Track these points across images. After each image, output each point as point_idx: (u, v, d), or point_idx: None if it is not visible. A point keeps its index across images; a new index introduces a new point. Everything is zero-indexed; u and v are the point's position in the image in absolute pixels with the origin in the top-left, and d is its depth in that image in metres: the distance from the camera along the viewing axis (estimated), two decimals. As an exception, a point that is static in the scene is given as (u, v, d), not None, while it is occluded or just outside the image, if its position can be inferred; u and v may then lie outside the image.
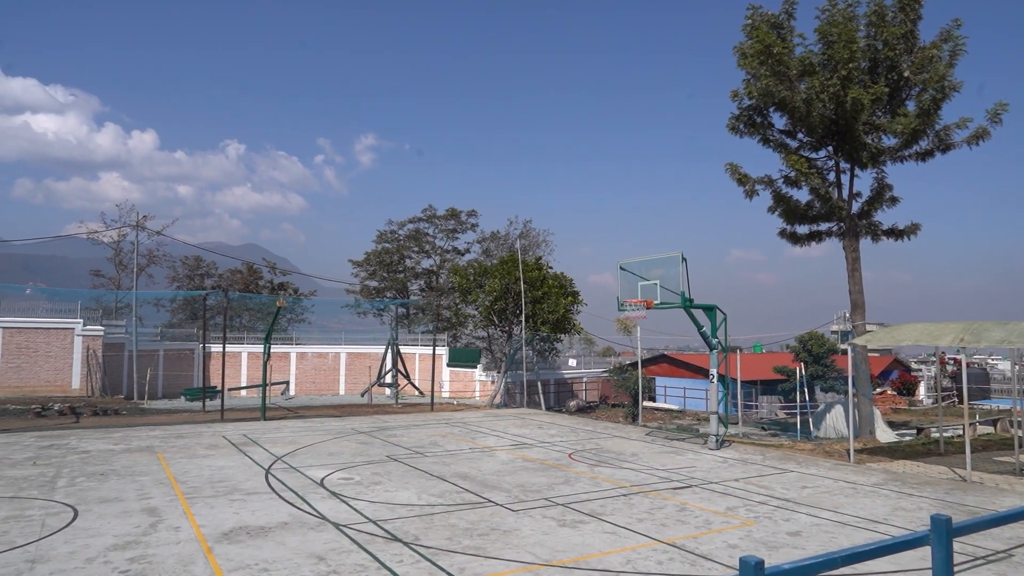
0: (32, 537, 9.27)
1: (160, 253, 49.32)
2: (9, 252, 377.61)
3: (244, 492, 12.18)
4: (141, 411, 26.59)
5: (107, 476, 13.46)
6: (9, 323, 29.35)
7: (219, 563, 8.28)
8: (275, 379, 35.92)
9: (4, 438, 18.75)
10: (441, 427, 22.68)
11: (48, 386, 29.80)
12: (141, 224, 41.34)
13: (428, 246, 58.16)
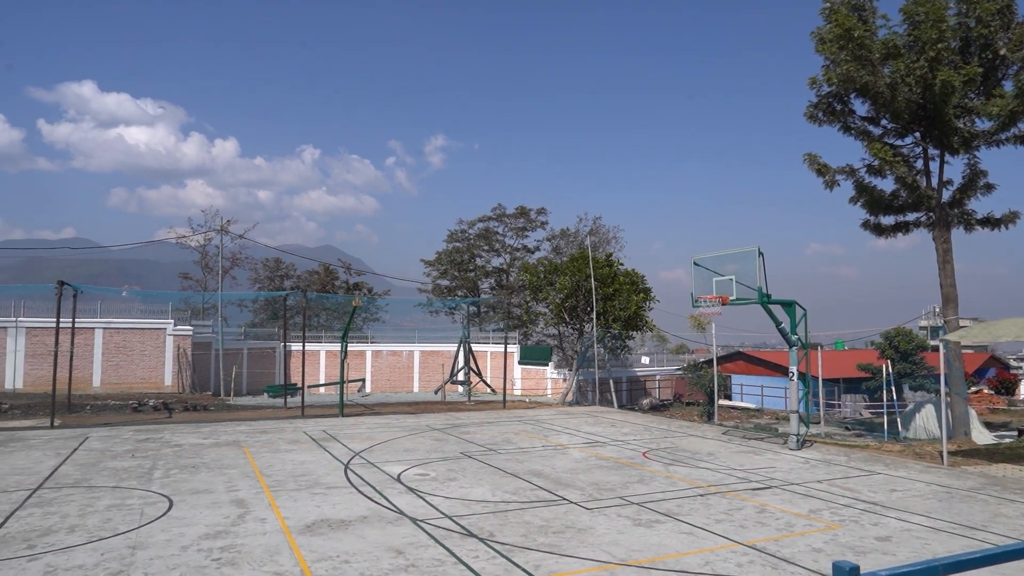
0: (133, 524, 9.83)
1: (242, 256, 51.59)
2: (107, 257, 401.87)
3: (325, 486, 12.56)
4: (228, 407, 27.82)
5: (198, 469, 14.14)
6: (108, 324, 31.24)
7: (303, 554, 8.57)
8: (352, 377, 36.92)
9: (106, 431, 19.97)
10: (513, 424, 22.79)
11: (143, 383, 31.55)
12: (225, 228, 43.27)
13: (498, 244, 58.56)
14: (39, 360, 29.74)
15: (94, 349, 30.73)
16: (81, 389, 28.76)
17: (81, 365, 29.32)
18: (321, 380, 37.88)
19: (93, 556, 8.41)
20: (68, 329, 23.33)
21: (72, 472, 13.71)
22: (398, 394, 37.86)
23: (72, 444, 17.37)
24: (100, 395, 29.22)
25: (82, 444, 17.37)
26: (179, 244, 49.33)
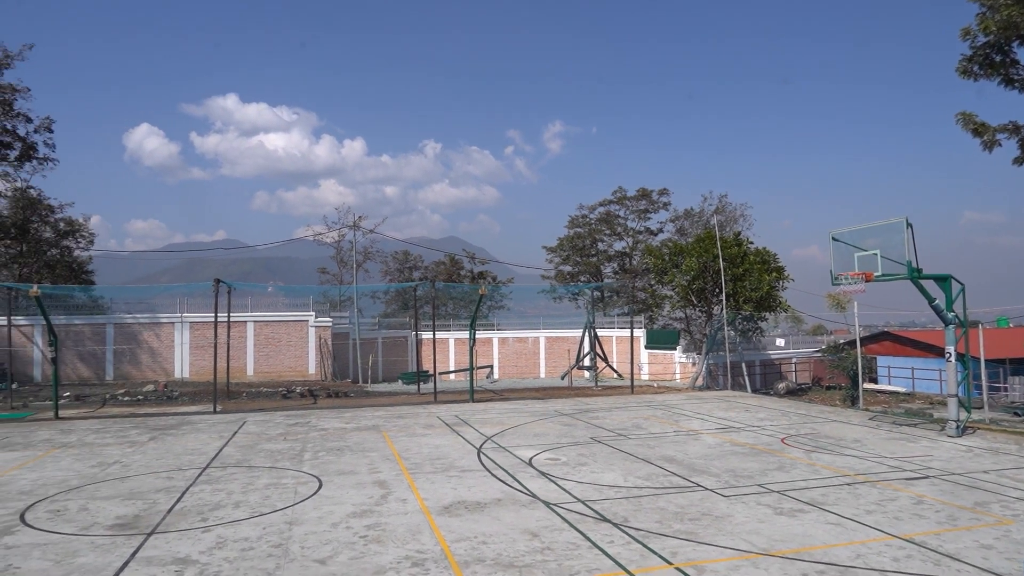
0: (288, 502, 10.60)
1: (374, 250, 54.01)
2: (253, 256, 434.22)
3: (459, 469, 12.96)
4: (366, 394, 29.35)
5: (342, 451, 15.02)
6: (259, 317, 33.82)
7: (443, 534, 8.90)
8: (480, 363, 37.84)
9: (260, 416, 21.66)
10: (643, 409, 22.49)
11: (290, 371, 33.91)
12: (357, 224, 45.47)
13: (620, 228, 57.77)
14: (201, 352, 32.70)
15: (247, 341, 33.38)
16: (237, 377, 31.34)
17: (237, 355, 31.94)
18: (451, 367, 39.09)
19: (256, 530, 9.16)
20: (225, 323, 25.48)
21: (234, 453, 14.98)
22: (525, 380, 38.38)
23: (232, 428, 18.97)
24: (254, 383, 31.72)
25: (241, 428, 18.93)
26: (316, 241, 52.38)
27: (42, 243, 43.45)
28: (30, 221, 41.85)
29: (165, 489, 11.57)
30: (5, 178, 39.37)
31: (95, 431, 18.69)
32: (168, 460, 14.24)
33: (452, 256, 61.82)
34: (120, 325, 33.03)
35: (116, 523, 9.57)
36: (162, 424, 20.01)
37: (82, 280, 45.90)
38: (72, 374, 31.62)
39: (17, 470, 13.39)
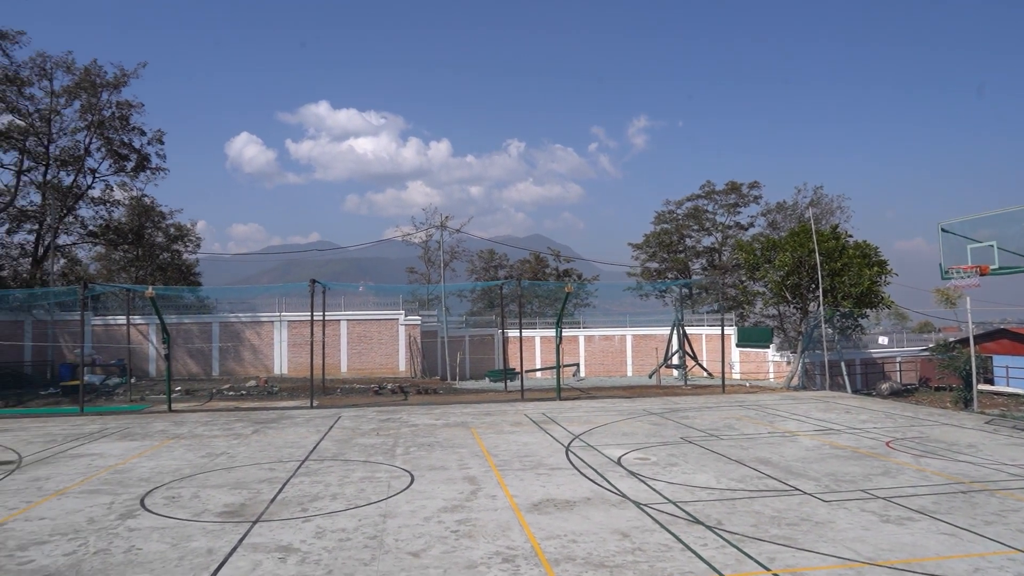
0: (382, 495, 10.92)
1: (460, 249, 54.95)
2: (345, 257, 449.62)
3: (548, 467, 12.97)
4: (454, 391, 29.85)
5: (433, 447, 15.33)
6: (351, 316, 35.01)
7: (532, 531, 8.93)
8: (566, 361, 37.74)
9: (354, 412, 22.41)
10: (735, 409, 21.84)
11: (381, 368, 34.92)
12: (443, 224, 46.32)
13: (708, 223, 56.35)
14: (298, 349, 34.16)
15: (341, 339, 34.62)
16: (332, 374, 32.54)
17: (331, 353, 33.18)
18: (537, 365, 39.21)
19: (352, 521, 9.48)
20: (320, 321, 26.51)
21: (330, 447, 15.56)
22: (612, 378, 38.02)
23: (328, 422, 19.71)
24: (347, 379, 32.85)
25: (336, 423, 19.64)
26: (404, 241, 53.78)
27: (155, 247, 46.59)
28: (144, 227, 44.94)
29: (268, 480, 12.15)
30: (123, 188, 42.43)
31: (204, 423, 19.86)
32: (270, 452, 14.94)
33: (537, 254, 61.99)
34: (225, 324, 34.94)
35: (224, 511, 10.12)
36: (263, 418, 21.02)
37: (190, 282, 48.91)
38: (182, 370, 33.70)
39: (137, 458, 14.40)
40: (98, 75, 38.58)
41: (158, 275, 45.38)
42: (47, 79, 37.81)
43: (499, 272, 60.07)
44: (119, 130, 40.25)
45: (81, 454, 15.05)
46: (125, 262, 47.29)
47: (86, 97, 38.48)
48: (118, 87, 39.20)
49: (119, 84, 39.15)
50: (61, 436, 17.75)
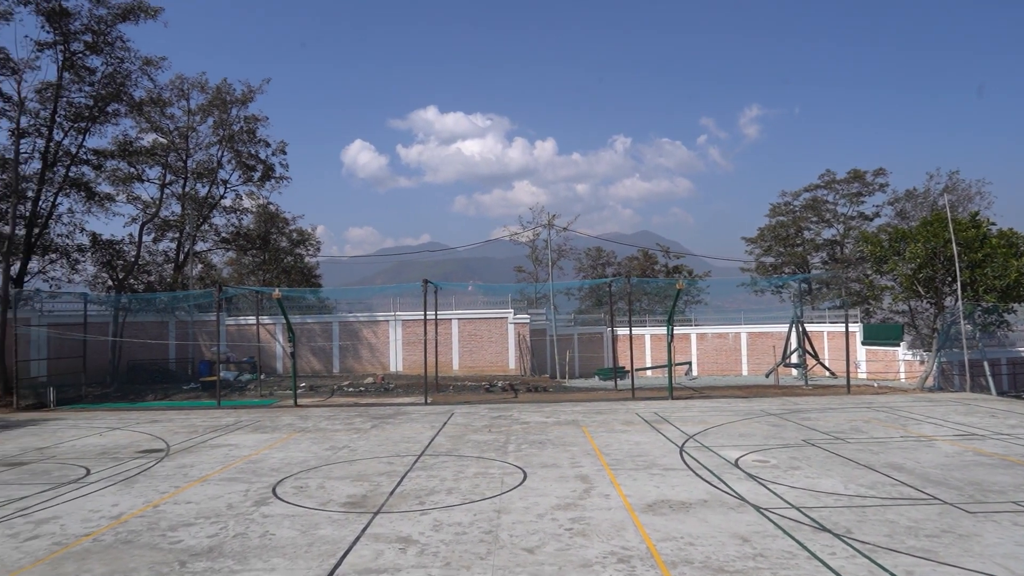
0: (496, 491, 11.08)
1: (567, 247, 54.84)
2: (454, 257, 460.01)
3: (662, 467, 12.72)
4: (564, 389, 29.86)
5: (544, 445, 15.39)
6: (462, 315, 35.80)
7: (647, 532, 8.78)
8: (678, 360, 36.88)
9: (466, 408, 22.88)
10: (861, 411, 20.56)
11: (491, 366, 35.46)
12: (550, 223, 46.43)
13: (829, 214, 53.38)
14: (412, 347, 35.29)
15: (452, 337, 35.47)
16: (444, 372, 33.38)
17: (443, 351, 34.04)
18: (647, 363, 38.55)
19: (467, 516, 9.67)
20: (433, 320, 27.26)
21: (444, 443, 15.96)
22: (726, 377, 36.78)
23: (442, 419, 20.23)
24: (459, 377, 33.60)
25: (449, 419, 20.13)
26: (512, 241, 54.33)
27: (280, 252, 49.54)
28: (270, 233, 47.90)
29: (387, 473, 12.62)
30: (251, 196, 45.41)
31: (326, 418, 20.90)
32: (388, 447, 15.52)
33: (645, 251, 60.94)
34: (344, 323, 36.63)
35: (348, 501, 10.61)
36: (381, 413, 21.86)
37: (312, 283, 51.65)
38: (306, 367, 35.63)
39: (268, 450, 15.36)
40: (228, 93, 41.44)
41: (283, 278, 48.18)
42: (185, 99, 41.02)
43: (607, 270, 59.52)
44: (247, 143, 43.07)
45: (219, 444, 16.22)
46: (253, 266, 50.58)
47: (218, 114, 41.44)
48: (245, 103, 41.95)
49: (246, 100, 41.89)
50: (201, 427, 19.22)
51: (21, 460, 14.68)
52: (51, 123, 33.28)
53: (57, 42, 32.29)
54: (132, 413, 23.27)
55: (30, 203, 32.70)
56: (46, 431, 19.17)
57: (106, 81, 34.37)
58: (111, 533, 9.12)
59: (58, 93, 32.90)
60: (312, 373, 35.34)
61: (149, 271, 42.33)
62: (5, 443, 17.12)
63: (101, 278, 40.75)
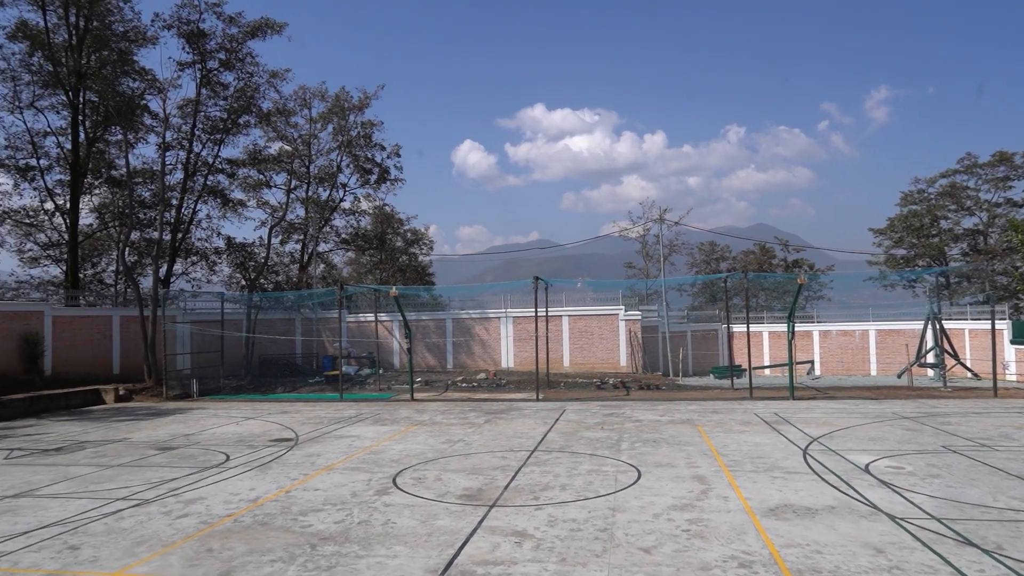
0: (609, 489, 10.99)
1: (679, 242, 53.57)
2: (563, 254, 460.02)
3: (784, 470, 12.17)
4: (677, 387, 29.19)
5: (658, 444, 15.11)
6: (572, 312, 35.77)
7: (770, 537, 8.43)
8: (799, 359, 35.17)
9: (578, 405, 22.85)
10: (1012, 416, 18.79)
11: (602, 363, 35.21)
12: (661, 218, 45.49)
13: (970, 202, 49.17)
14: (523, 344, 35.65)
15: (563, 334, 35.51)
16: (555, 368, 33.48)
17: (554, 348, 34.15)
18: (765, 362, 36.99)
19: (582, 512, 9.66)
20: (543, 317, 27.43)
21: (557, 439, 16.01)
22: (852, 377, 34.67)
23: (554, 415, 20.31)
24: (570, 373, 33.60)
25: (561, 416, 20.17)
26: (621, 237, 53.69)
27: (395, 251, 51.42)
28: (386, 233, 49.81)
29: (501, 468, 12.82)
30: (368, 199, 47.39)
31: (442, 412, 21.50)
32: (501, 441, 15.76)
33: (762, 244, 58.50)
34: (457, 320, 37.53)
35: (464, 494, 10.86)
36: (493, 409, 22.23)
37: (425, 281, 53.26)
38: (421, 362, 36.78)
39: (388, 441, 15.99)
40: (346, 100, 43.43)
41: (398, 276, 49.99)
42: (307, 108, 43.38)
43: (721, 265, 57.66)
44: (363, 147, 44.98)
45: (342, 435, 17.06)
46: (371, 265, 52.79)
47: (337, 120, 43.52)
48: (362, 109, 43.80)
49: (363, 106, 43.74)
50: (326, 419, 20.28)
51: (171, 445, 16.06)
52: (191, 136, 36.13)
53: (195, 61, 35.00)
54: (264, 404, 24.89)
55: (174, 210, 35.65)
56: (190, 419, 20.87)
57: (237, 95, 36.91)
58: (249, 515, 9.80)
59: (196, 108, 35.63)
60: (427, 368, 36.44)
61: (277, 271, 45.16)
62: (157, 429, 18.79)
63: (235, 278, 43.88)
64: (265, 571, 7.56)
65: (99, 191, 37.57)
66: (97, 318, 30.64)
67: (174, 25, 34.28)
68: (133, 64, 33.76)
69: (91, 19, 32.43)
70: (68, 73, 31.98)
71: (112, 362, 30.66)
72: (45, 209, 37.12)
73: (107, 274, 41.66)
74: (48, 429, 19.27)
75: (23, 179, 35.42)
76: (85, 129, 33.93)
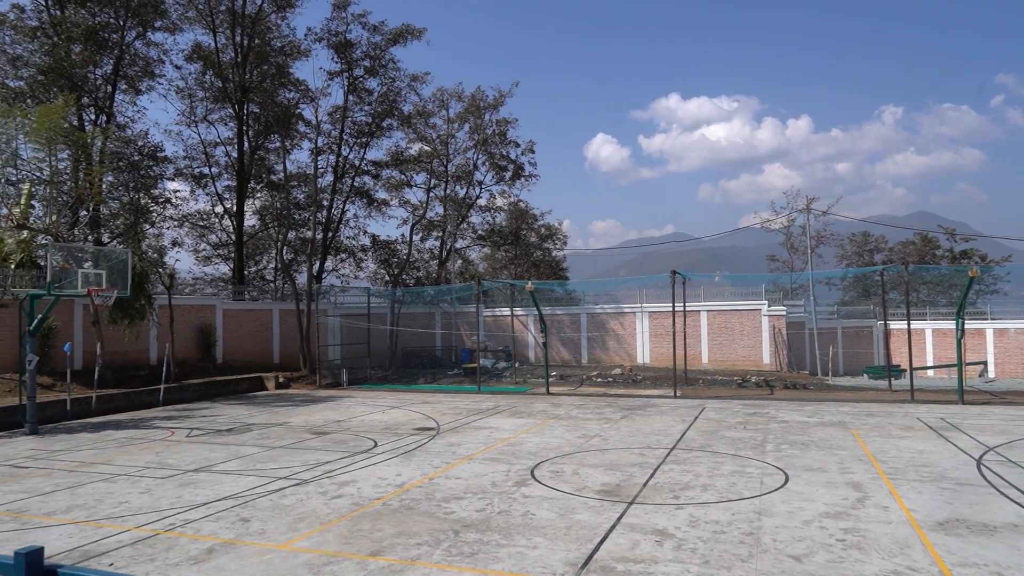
0: (754, 492, 10.53)
1: (827, 233, 50.29)
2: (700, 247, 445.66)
3: (953, 481, 11.10)
4: (826, 387, 27.44)
5: (807, 446, 14.28)
6: (711, 307, 34.59)
7: (939, 554, 7.72)
8: (969, 359, 31.94)
9: (718, 403, 22.08)
10: None
11: (743, 360, 33.78)
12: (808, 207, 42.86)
13: None
14: (659, 339, 34.93)
15: (701, 329, 34.42)
16: (693, 365, 32.52)
17: (692, 344, 33.16)
18: (928, 362, 33.92)
19: (725, 514, 9.32)
20: (680, 312, 26.73)
21: (696, 437, 15.55)
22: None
23: (692, 413, 19.74)
24: (708, 371, 32.52)
25: (700, 414, 19.57)
26: (763, 228, 51.16)
27: (529, 246, 52.06)
28: (520, 229, 50.54)
29: (639, 464, 12.63)
30: (503, 195, 48.32)
31: (577, 407, 21.52)
32: (638, 438, 15.53)
33: (923, 234, 53.61)
34: (591, 315, 37.41)
35: (602, 489, 10.81)
36: (630, 404, 21.95)
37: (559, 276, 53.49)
38: (556, 356, 37.01)
39: (525, 434, 16.24)
40: (481, 99, 44.49)
41: (532, 271, 50.56)
42: (444, 109, 44.89)
43: (875, 256, 53.47)
44: (498, 145, 45.89)
45: (481, 426, 17.51)
46: (506, 260, 53.80)
47: (472, 120, 44.71)
48: (496, 107, 44.69)
49: (497, 104, 44.61)
50: (465, 410, 20.91)
51: (324, 430, 17.21)
52: (339, 141, 38.43)
53: (343, 70, 37.19)
54: (407, 394, 26.08)
55: (325, 211, 38.09)
56: (341, 406, 22.26)
57: (381, 99, 38.82)
58: (396, 499, 10.30)
59: (344, 114, 37.86)
60: (561, 363, 36.62)
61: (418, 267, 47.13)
62: (312, 415, 20.20)
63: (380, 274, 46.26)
64: (412, 553, 7.91)
65: (260, 195, 40.92)
66: (260, 311, 33.40)
67: (324, 38, 36.63)
68: (289, 76, 36.41)
69: (253, 37, 35.31)
70: (234, 88, 35.02)
71: (272, 352, 33.32)
72: (216, 212, 40.99)
73: (267, 271, 45.32)
74: (220, 411, 21.27)
75: (198, 186, 39.30)
76: (248, 138, 37.01)
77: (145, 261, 24.15)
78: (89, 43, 29.53)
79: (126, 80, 32.93)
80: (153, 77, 34.43)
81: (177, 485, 11.43)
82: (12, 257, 20.81)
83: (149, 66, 33.96)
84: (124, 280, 19.64)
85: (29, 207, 22.75)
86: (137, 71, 33.47)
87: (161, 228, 37.00)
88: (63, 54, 28.30)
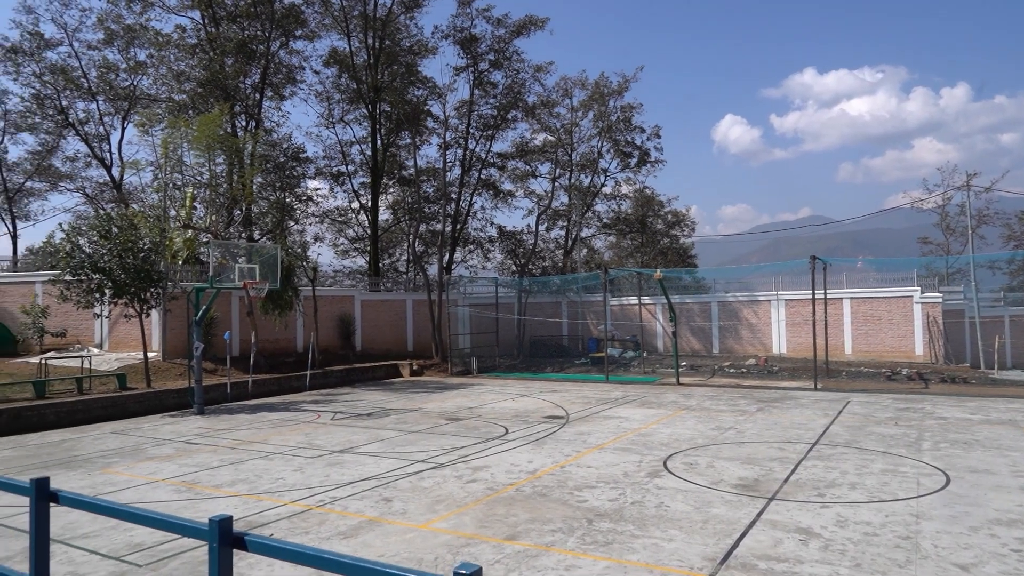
0: (910, 493, 9.76)
1: (990, 212, 45.62)
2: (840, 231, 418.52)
3: None
4: (991, 381, 24.93)
5: (971, 446, 13.06)
6: (855, 294, 32.36)
7: None
8: None
9: (864, 397, 20.66)
10: None
11: (892, 351, 31.38)
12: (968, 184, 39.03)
13: None
14: (797, 328, 33.14)
15: (843, 318, 32.29)
16: (835, 356, 30.58)
17: (833, 333, 31.17)
18: (1118, 354, 29.99)
19: (877, 516, 8.70)
20: (821, 300, 25.22)
21: (841, 432, 14.64)
22: None
23: (836, 406, 18.59)
24: (852, 362, 30.49)
25: (845, 407, 18.39)
26: (914, 208, 47.18)
27: (656, 234, 51.01)
28: (647, 216, 49.60)
29: (778, 459, 12.07)
30: (628, 182, 47.59)
31: (709, 398, 20.88)
32: (776, 431, 14.84)
33: (1111, 210, 47.36)
34: (722, 303, 36.12)
35: (739, 483, 10.43)
36: (766, 397, 21.02)
37: (687, 264, 52.06)
38: (686, 346, 36.07)
39: (655, 425, 15.96)
40: (605, 86, 43.97)
41: (660, 259, 49.51)
42: (568, 97, 44.78)
43: (1050, 236, 47.85)
44: (623, 131, 45.19)
45: (610, 416, 17.40)
46: (632, 248, 53.02)
47: (596, 107, 44.30)
48: (621, 93, 44.01)
49: (622, 90, 43.93)
50: (593, 399, 20.85)
51: (457, 416, 17.75)
52: (466, 134, 39.32)
53: (468, 65, 37.96)
54: (535, 383, 26.38)
55: (454, 204, 39.17)
56: (472, 393, 22.87)
57: (505, 92, 39.29)
58: (529, 486, 10.45)
59: (470, 108, 38.66)
60: (692, 352, 35.66)
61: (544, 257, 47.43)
62: (445, 401, 20.91)
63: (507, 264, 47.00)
64: (547, 539, 8.00)
65: (392, 190, 42.73)
66: (394, 302, 34.93)
67: (450, 34, 37.55)
68: (417, 74, 37.68)
69: (384, 39, 36.82)
70: (367, 88, 36.70)
71: (406, 340, 34.77)
72: (352, 208, 43.27)
73: (400, 263, 47.33)
74: (360, 397, 22.49)
75: (336, 183, 41.62)
76: (381, 136, 38.71)
77: (291, 255, 25.91)
78: (240, 55, 32.02)
79: (271, 87, 35.42)
80: (295, 83, 36.83)
81: (325, 464, 12.21)
82: (180, 254, 23.05)
83: (291, 73, 36.36)
84: (274, 273, 21.21)
85: (192, 208, 25.10)
86: (281, 78, 35.92)
87: (304, 224, 39.61)
88: (218, 67, 30.86)
